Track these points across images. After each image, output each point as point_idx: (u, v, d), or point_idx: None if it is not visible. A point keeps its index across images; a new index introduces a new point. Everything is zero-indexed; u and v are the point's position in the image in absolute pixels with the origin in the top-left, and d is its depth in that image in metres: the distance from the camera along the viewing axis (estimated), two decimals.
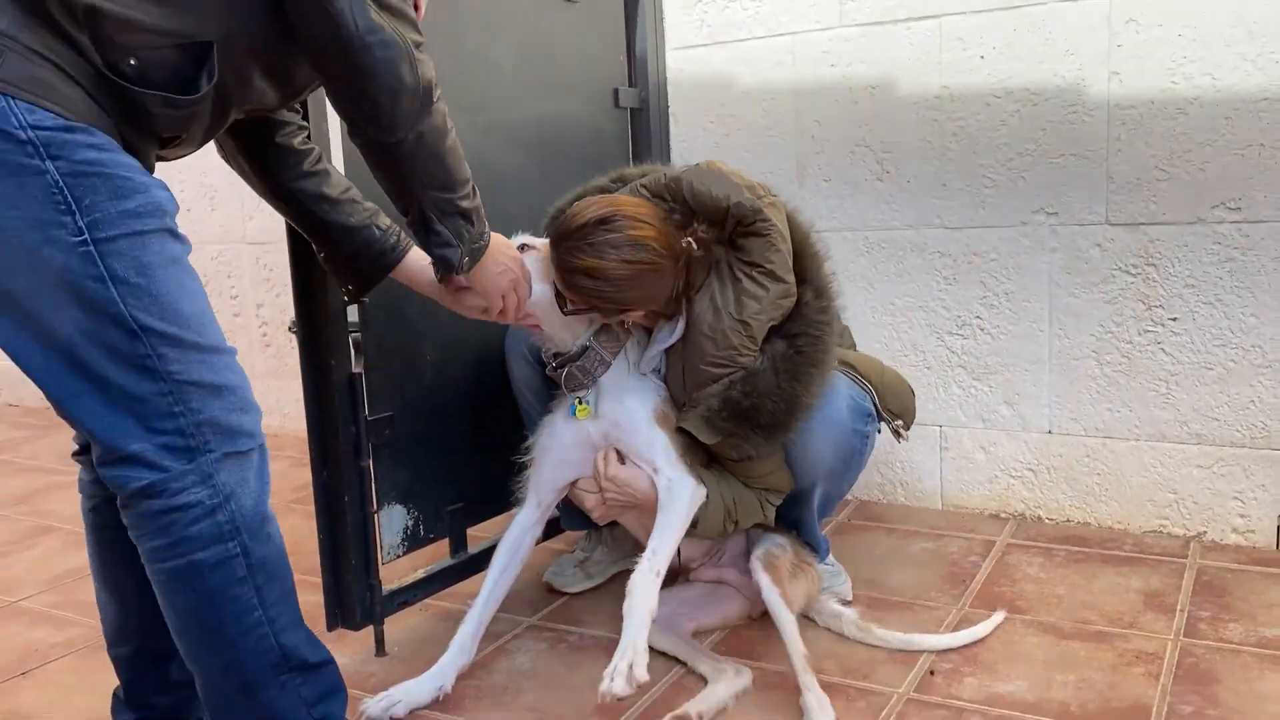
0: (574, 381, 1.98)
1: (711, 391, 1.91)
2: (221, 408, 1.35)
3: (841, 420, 2.01)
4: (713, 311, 1.90)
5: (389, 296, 2.10)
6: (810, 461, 2.04)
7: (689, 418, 1.93)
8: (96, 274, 1.24)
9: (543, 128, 2.48)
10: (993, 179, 2.56)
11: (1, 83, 1.18)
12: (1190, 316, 2.40)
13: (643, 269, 1.82)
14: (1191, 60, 2.30)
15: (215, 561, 1.36)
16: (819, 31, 2.71)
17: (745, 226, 1.88)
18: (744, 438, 1.90)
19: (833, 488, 2.15)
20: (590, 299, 1.86)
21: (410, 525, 2.21)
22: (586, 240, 1.81)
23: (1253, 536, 2.42)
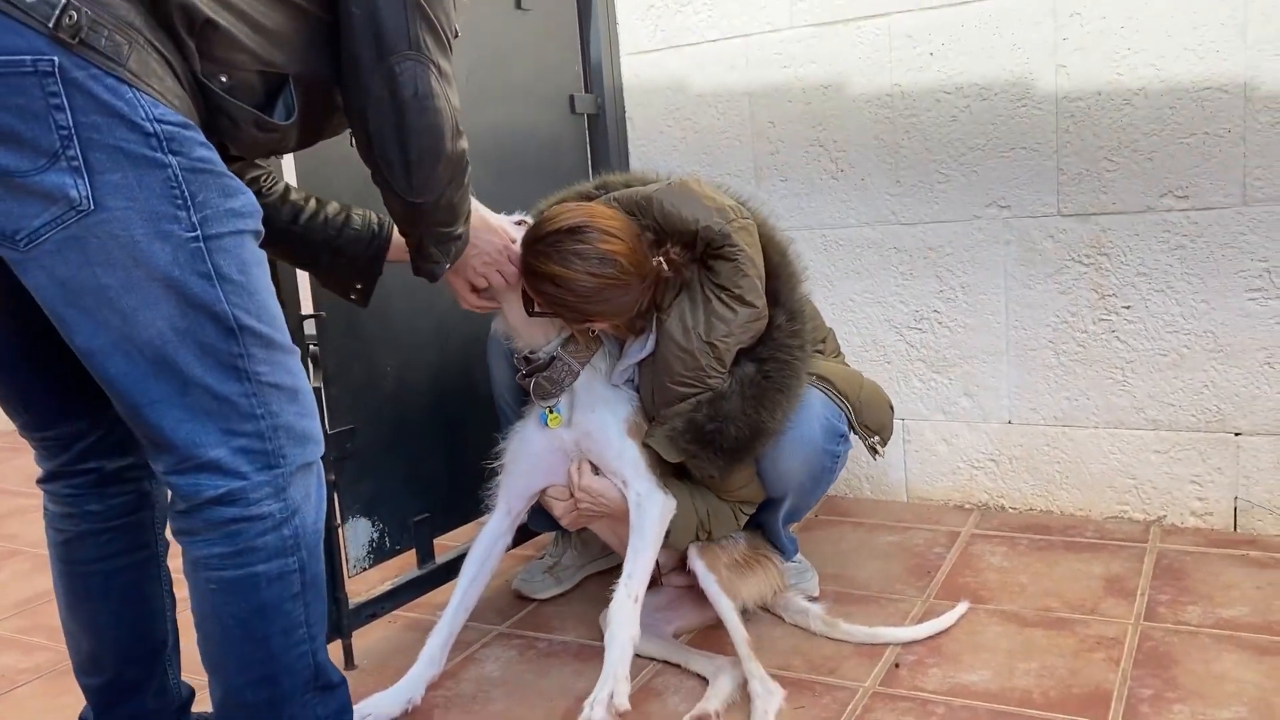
0: (542, 390, 1.99)
1: (678, 410, 1.93)
2: (296, 412, 1.35)
3: (813, 439, 2.03)
4: (682, 330, 1.91)
5: (345, 308, 2.10)
6: (780, 476, 2.06)
7: (655, 434, 1.95)
8: (204, 270, 1.24)
9: (498, 136, 2.48)
10: (945, 174, 2.59)
11: (129, 74, 1.18)
12: (1143, 304, 2.43)
13: (607, 283, 1.83)
14: (1135, 51, 2.34)
15: (276, 575, 1.35)
16: (770, 33, 2.73)
17: (714, 250, 1.90)
18: (706, 459, 1.92)
19: (801, 501, 2.17)
20: (554, 306, 1.88)
21: (376, 537, 2.21)
22: (555, 248, 1.83)
23: (1211, 519, 2.46)
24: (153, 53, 1.22)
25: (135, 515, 1.60)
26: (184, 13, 1.24)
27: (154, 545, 1.64)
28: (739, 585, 2.05)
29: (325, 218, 1.81)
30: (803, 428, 2.00)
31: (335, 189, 2.07)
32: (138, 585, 1.62)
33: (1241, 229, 2.31)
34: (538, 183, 2.55)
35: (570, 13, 2.77)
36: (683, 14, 2.83)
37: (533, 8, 2.57)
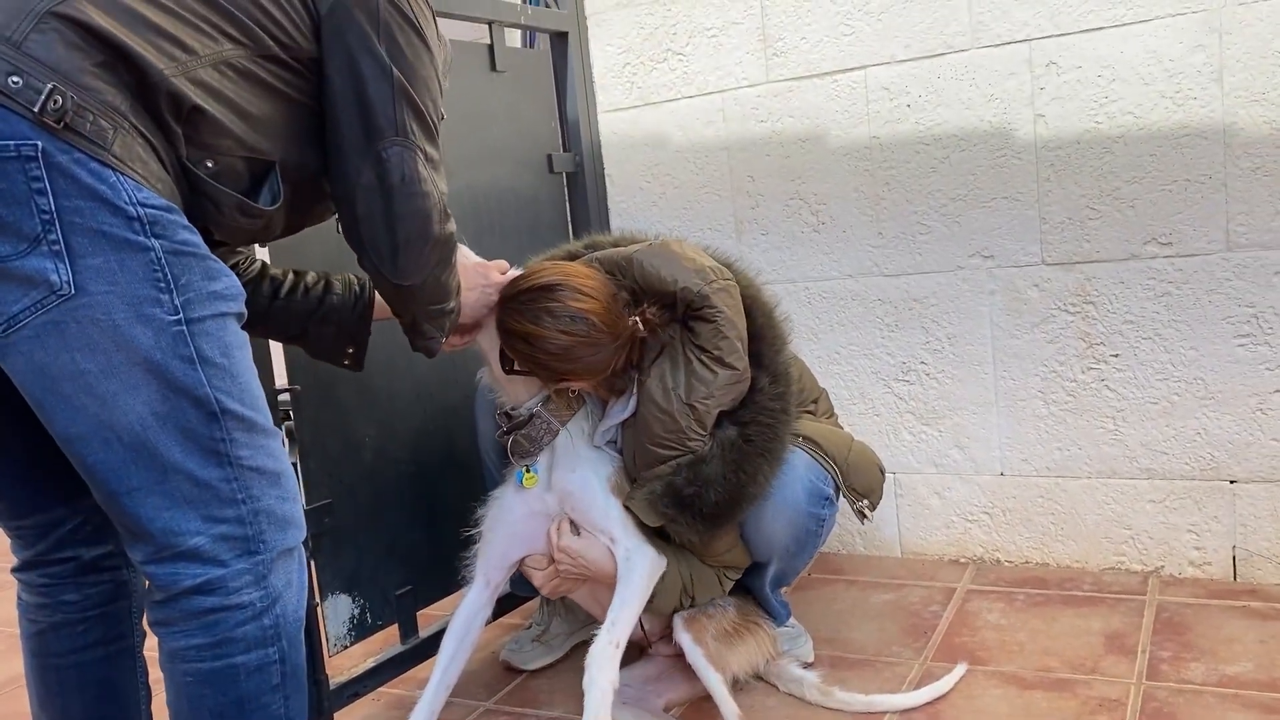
0: (520, 449, 1.96)
1: (658, 473, 1.90)
2: (277, 496, 1.32)
3: (797, 503, 1.99)
4: (662, 392, 1.89)
5: (321, 380, 2.06)
6: (764, 541, 2.03)
7: (635, 497, 1.91)
8: (187, 354, 1.22)
9: (476, 196, 2.47)
10: (927, 225, 2.57)
11: (114, 158, 1.17)
12: (1132, 352, 2.40)
13: (579, 341, 1.81)
14: (1113, 99, 2.33)
15: (255, 666, 1.31)
16: (747, 88, 2.72)
17: (694, 310, 1.89)
18: (685, 524, 1.88)
19: (787, 565, 2.13)
20: (528, 364, 1.87)
21: (357, 613, 2.16)
22: (528, 305, 1.82)
23: (1209, 569, 2.41)
24: (138, 137, 1.22)
25: (112, 605, 1.56)
26: (171, 99, 1.24)
27: (130, 636, 1.59)
28: (728, 656, 2.00)
29: (305, 288, 1.79)
30: (785, 491, 1.97)
31: (310, 258, 2.04)
32: (112, 678, 1.57)
33: (1226, 275, 2.29)
34: (517, 243, 2.53)
35: (546, 72, 2.77)
36: (658, 70, 2.83)
37: (508, 69, 2.56)
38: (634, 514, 1.92)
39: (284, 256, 1.97)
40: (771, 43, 2.67)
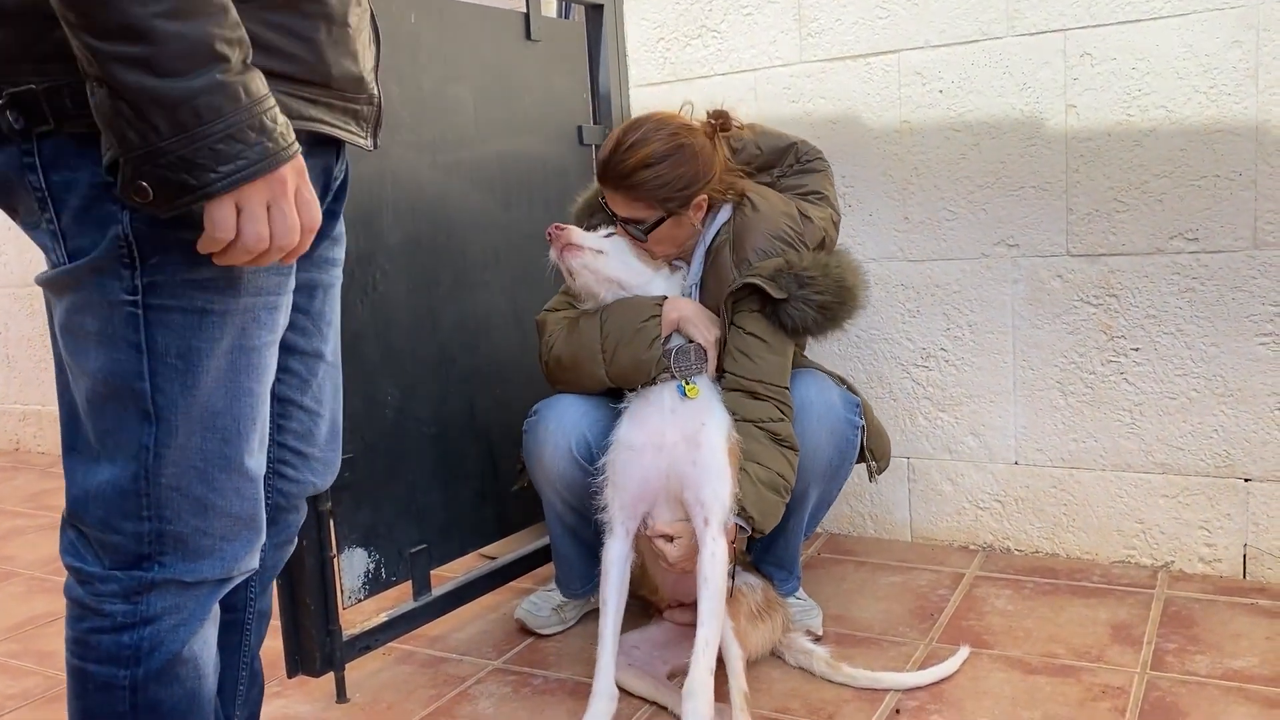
0: (686, 361, 2.01)
1: (771, 263, 2.01)
2: (199, 528, 1.15)
3: (836, 409, 2.09)
4: (782, 201, 2.09)
5: (345, 337, 2.08)
6: (809, 456, 2.05)
7: (754, 276, 1.99)
8: (134, 340, 1.09)
9: (505, 166, 2.48)
10: (954, 211, 2.57)
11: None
12: (1152, 346, 2.41)
13: (683, 142, 1.98)
14: (1146, 93, 2.33)
15: (102, 682, 1.17)
16: (780, 68, 2.72)
17: (804, 163, 2.17)
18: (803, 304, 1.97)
19: (826, 490, 2.17)
20: (655, 192, 1.98)
21: (372, 568, 2.19)
22: (626, 144, 1.98)
23: (1219, 566, 2.42)
24: None
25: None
26: None
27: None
28: (752, 635, 2.02)
29: None
30: (825, 397, 2.09)
31: None
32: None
33: (1252, 273, 2.29)
34: (544, 212, 2.55)
35: (579, 44, 2.77)
36: (692, 47, 2.83)
37: (542, 39, 2.57)
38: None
39: None
40: (806, 23, 2.67)
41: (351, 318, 2.10)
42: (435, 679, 2.18)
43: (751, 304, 2.02)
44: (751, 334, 2.01)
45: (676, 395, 1.99)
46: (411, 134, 2.23)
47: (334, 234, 1.35)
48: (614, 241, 2.05)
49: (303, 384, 1.34)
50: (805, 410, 2.05)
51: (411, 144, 2.23)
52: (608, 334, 2.03)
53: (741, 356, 2.01)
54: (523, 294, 2.52)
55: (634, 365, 2.00)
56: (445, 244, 2.32)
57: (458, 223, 2.35)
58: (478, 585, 2.45)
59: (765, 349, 2.01)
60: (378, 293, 2.17)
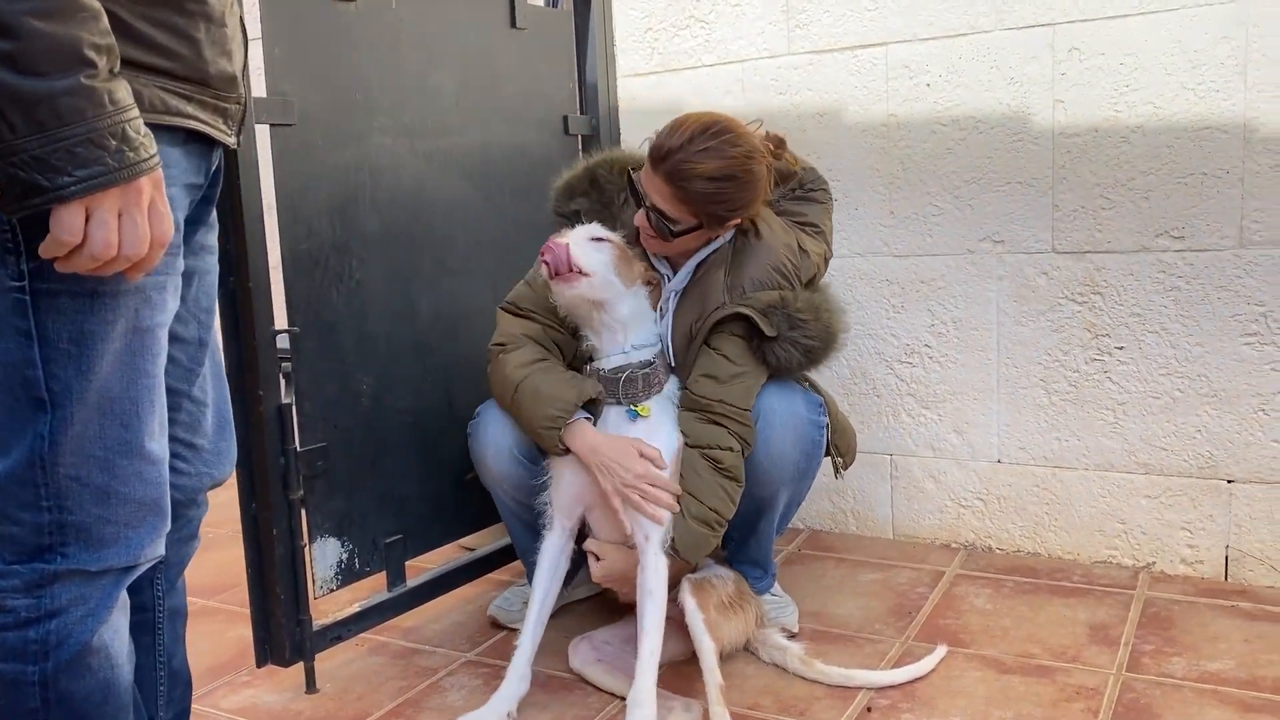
0: (634, 390, 1.98)
1: (765, 297, 1.98)
2: (101, 516, 1.13)
3: (799, 412, 2.04)
4: (784, 230, 2.05)
5: (321, 324, 2.07)
6: (775, 461, 2.04)
7: (746, 308, 1.97)
8: (24, 326, 1.06)
9: (487, 154, 2.45)
10: (939, 206, 2.55)
11: None
12: (1136, 345, 2.38)
13: (752, 167, 1.91)
14: (1134, 89, 2.30)
15: (10, 679, 1.13)
16: (768, 59, 2.70)
17: (807, 190, 2.12)
18: (791, 345, 1.96)
19: (795, 491, 2.14)
20: (707, 205, 1.91)
21: (345, 558, 2.17)
22: (701, 147, 1.87)
23: (1201, 567, 2.40)
24: None
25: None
26: None
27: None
28: (724, 627, 2.00)
29: None
30: (789, 402, 2.03)
31: (313, 206, 2.05)
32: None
33: (1238, 272, 2.26)
34: (527, 203, 2.52)
35: (566, 33, 2.74)
36: (680, 37, 2.81)
37: (528, 26, 2.55)
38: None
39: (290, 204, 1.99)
40: (794, 14, 2.65)
41: (327, 306, 2.09)
42: (406, 670, 2.16)
43: (734, 328, 1.99)
44: (724, 356, 1.99)
45: (625, 415, 1.98)
46: (390, 121, 2.21)
47: (208, 221, 1.33)
48: (601, 258, 1.94)
49: (187, 373, 1.32)
50: (769, 417, 2.02)
51: (390, 131, 2.21)
52: (517, 401, 2.02)
53: (706, 379, 1.99)
54: (504, 283, 2.48)
55: (531, 433, 2.02)
56: (424, 233, 2.30)
57: (438, 211, 2.33)
58: (454, 577, 2.44)
59: (735, 372, 1.98)
60: (354, 281, 2.15)
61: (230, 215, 1.90)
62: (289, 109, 1.99)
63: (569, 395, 1.96)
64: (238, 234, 1.92)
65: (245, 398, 1.97)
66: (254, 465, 2.00)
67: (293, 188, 2.02)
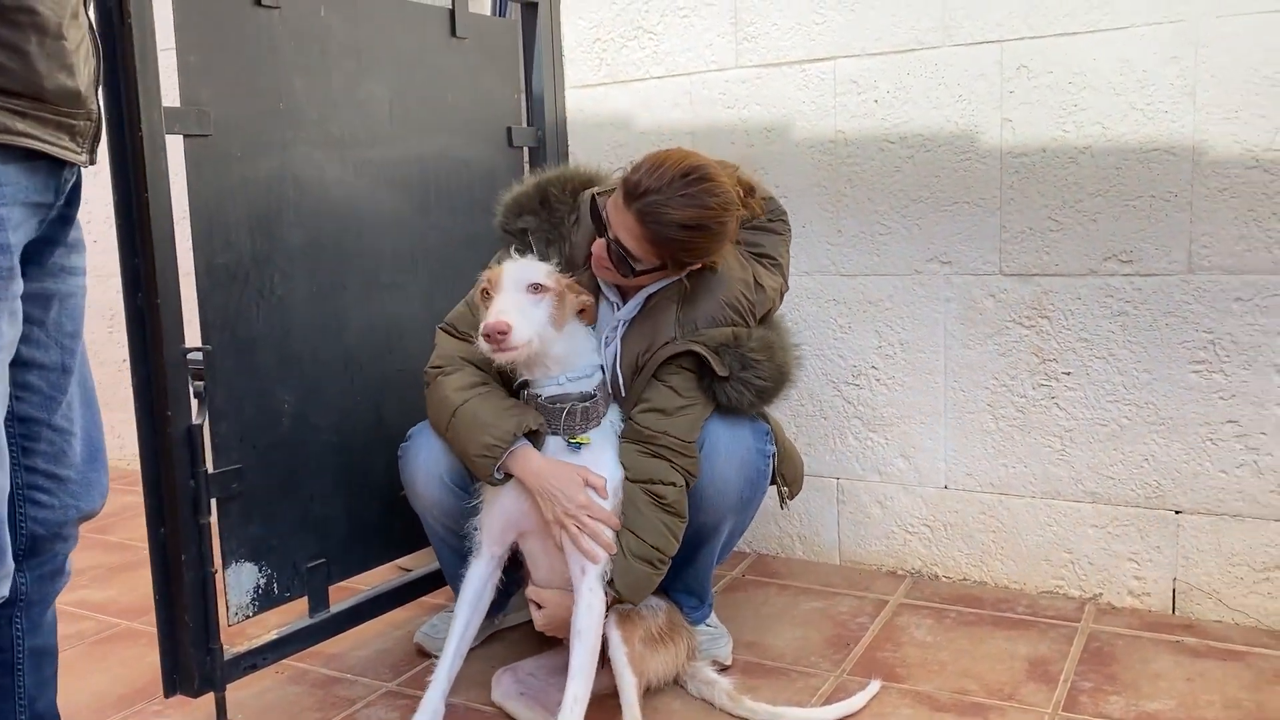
0: (573, 423, 1.90)
1: (719, 334, 1.92)
2: None
3: (744, 440, 1.98)
4: (740, 265, 1.98)
5: (238, 342, 2.01)
6: (719, 490, 1.98)
7: (700, 344, 1.91)
8: None
9: (424, 166, 2.39)
10: (887, 226, 2.49)
11: None
12: (1084, 371, 2.32)
13: (726, 220, 1.84)
14: (1082, 108, 2.25)
15: None
16: (715, 72, 2.64)
17: (765, 220, 2.03)
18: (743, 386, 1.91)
19: (739, 520, 2.08)
20: (676, 251, 1.84)
21: (263, 583, 2.10)
22: (680, 192, 1.79)
23: (1148, 600, 2.34)
24: None
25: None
26: None
27: None
28: (650, 661, 1.94)
29: None
30: (734, 429, 1.97)
31: (230, 218, 1.98)
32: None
33: (1186, 298, 2.21)
34: (468, 217, 2.47)
35: (511, 43, 2.68)
36: (629, 49, 2.75)
37: (469, 36, 2.48)
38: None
39: (206, 215, 1.92)
40: (743, 26, 2.59)
41: (246, 322, 2.03)
42: (324, 700, 2.09)
43: (684, 361, 1.93)
44: (670, 388, 1.93)
45: (565, 447, 1.91)
46: (317, 131, 2.14)
47: (68, 241, 1.27)
48: (538, 316, 1.82)
49: (48, 401, 1.25)
50: (714, 444, 1.96)
51: (318, 141, 2.14)
52: (454, 426, 1.94)
53: (651, 412, 1.93)
54: (440, 299, 2.42)
55: (465, 460, 1.94)
56: (354, 246, 2.23)
57: (368, 224, 2.26)
58: (383, 601, 2.36)
59: (680, 404, 1.93)
60: (275, 296, 2.08)
61: (138, 229, 1.85)
62: (204, 119, 1.92)
63: (508, 425, 1.88)
64: (145, 248, 1.85)
65: (153, 419, 1.90)
66: (163, 489, 1.92)
67: (208, 199, 1.95)
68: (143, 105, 1.79)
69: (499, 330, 1.74)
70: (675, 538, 1.91)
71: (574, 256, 2.01)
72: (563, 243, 2.01)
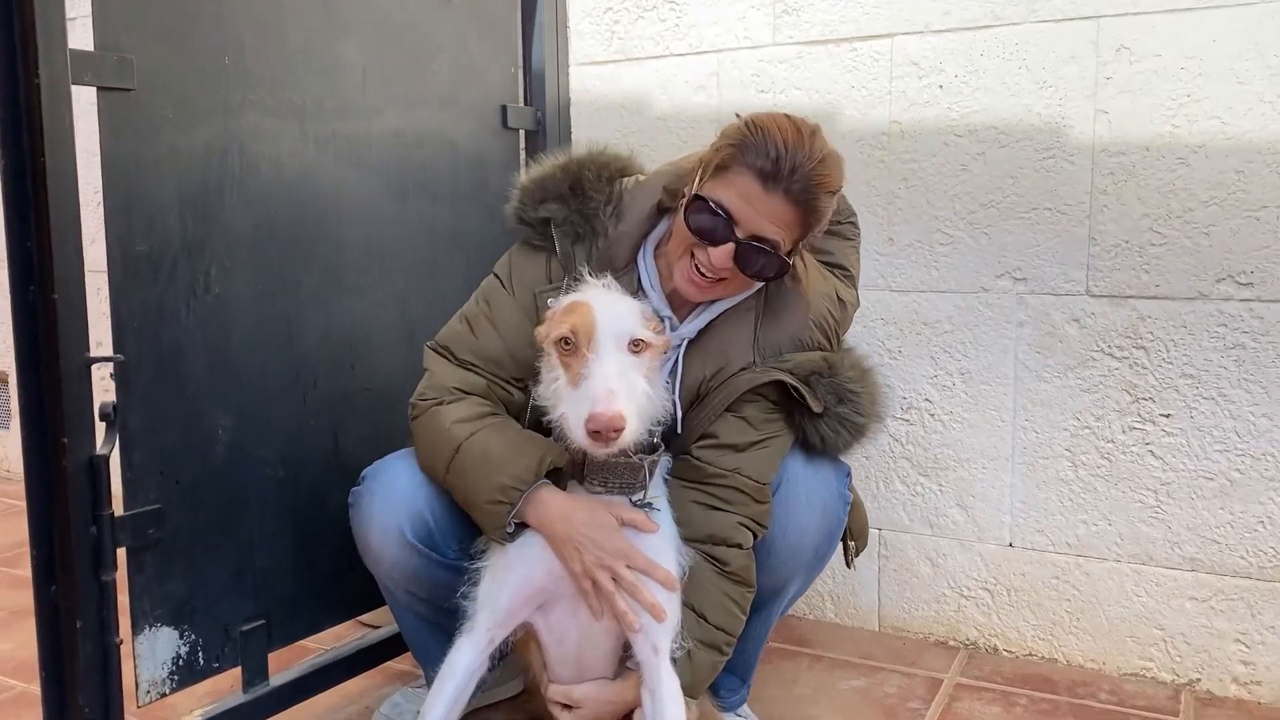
0: (645, 481, 1.49)
1: (809, 361, 1.60)
2: None
3: (828, 482, 1.67)
4: (820, 277, 1.68)
5: (159, 350, 1.64)
6: (792, 545, 1.65)
7: (788, 373, 1.58)
8: None
9: (403, 145, 2.04)
10: (949, 234, 2.14)
11: None
12: (1187, 413, 1.97)
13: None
14: (1196, 99, 1.91)
15: None
16: (749, 50, 2.29)
17: (834, 222, 1.69)
18: (835, 422, 1.59)
19: (807, 580, 1.76)
20: (819, 227, 1.53)
21: (185, 652, 1.71)
22: (823, 153, 1.49)
23: (1258, 690, 1.97)
24: None
25: None
26: None
27: None
28: None
29: None
30: (816, 467, 1.65)
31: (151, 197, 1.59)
32: None
33: None
34: (453, 206, 2.16)
35: (508, 10, 2.32)
36: (645, 20, 2.39)
37: (461, 3, 2.11)
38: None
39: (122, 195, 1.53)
40: None
41: (172, 326, 1.66)
42: None
43: (768, 391, 1.59)
44: (743, 419, 1.58)
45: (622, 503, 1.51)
46: (272, 96, 1.77)
47: None
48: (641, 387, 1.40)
49: None
50: (791, 488, 1.62)
51: (271, 108, 1.77)
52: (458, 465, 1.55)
53: (718, 447, 1.57)
54: (418, 304, 2.06)
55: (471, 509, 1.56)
56: (312, 236, 1.87)
57: (332, 210, 1.90)
58: (335, 670, 1.98)
59: (755, 438, 1.58)
60: (210, 294, 1.72)
61: (33, 204, 1.49)
62: (125, 69, 1.55)
63: (528, 460, 1.49)
64: (41, 229, 1.49)
65: (45, 446, 1.52)
66: (54, 537, 1.53)
67: (128, 170, 1.59)
68: (42, 46, 1.44)
69: (615, 428, 1.31)
70: (743, 613, 1.56)
71: (612, 255, 1.62)
72: (595, 238, 1.63)
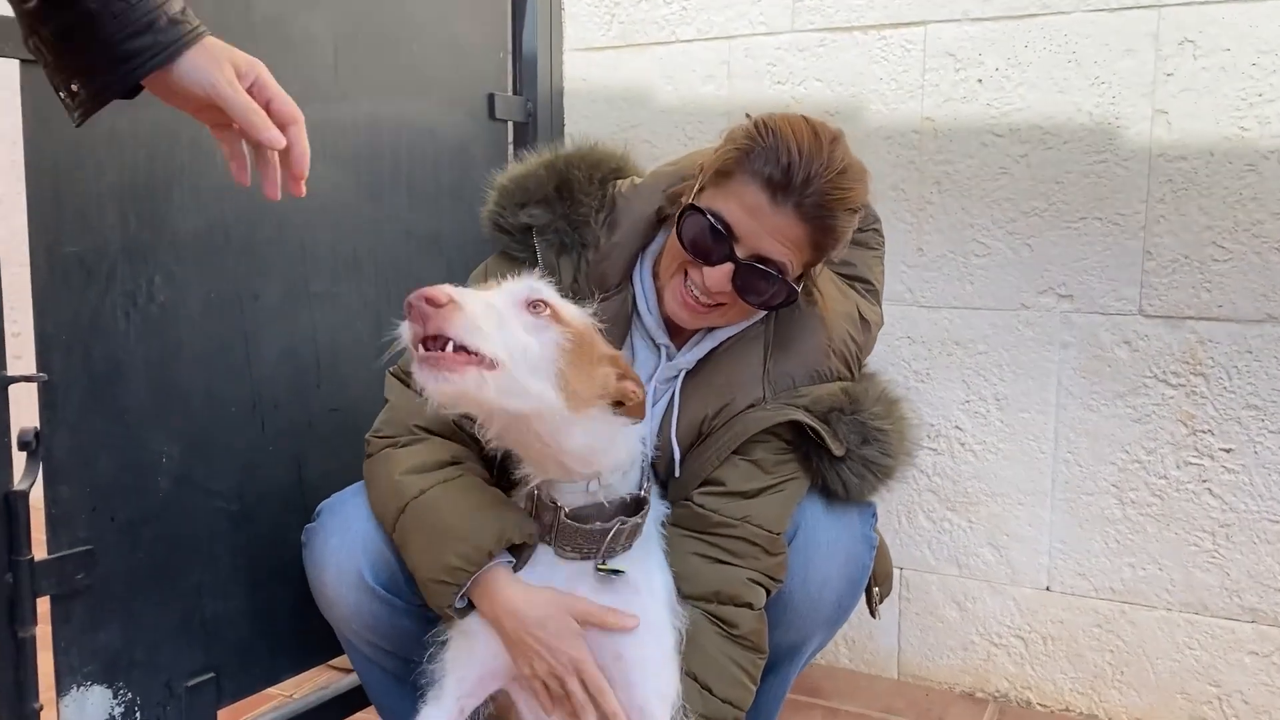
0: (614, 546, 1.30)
1: (827, 395, 1.45)
2: None
3: (853, 526, 1.53)
4: (840, 296, 1.53)
5: (91, 368, 1.48)
6: (813, 596, 1.50)
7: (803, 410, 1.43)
8: None
9: (377, 135, 1.90)
10: (986, 244, 2.00)
11: None
12: (1250, 449, 1.85)
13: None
14: (1269, 99, 1.78)
15: None
16: (765, 36, 2.16)
17: (856, 230, 1.48)
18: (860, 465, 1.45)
19: (827, 636, 1.62)
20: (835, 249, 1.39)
21: (118, 713, 1.55)
22: (843, 163, 1.34)
23: None
24: None
25: None
26: None
27: None
28: None
29: None
30: (837, 511, 1.50)
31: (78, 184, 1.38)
32: None
33: None
34: (433, 206, 2.01)
35: None
36: (649, 2, 2.28)
37: None
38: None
39: None
40: None
41: (107, 340, 1.50)
42: None
43: (781, 430, 1.44)
44: (752, 462, 1.44)
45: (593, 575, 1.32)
46: None
47: None
48: (532, 345, 1.15)
49: None
50: (809, 536, 1.47)
51: None
52: (404, 528, 1.37)
53: (722, 495, 1.41)
54: (393, 315, 1.85)
55: (418, 581, 1.38)
56: (273, 238, 1.71)
57: (296, 209, 1.74)
58: None
59: (767, 483, 1.43)
60: (154, 304, 1.54)
61: None
62: None
63: (481, 536, 1.31)
64: None
65: None
66: None
67: (56, 158, 1.42)
68: None
69: (433, 299, 1.08)
70: (754, 682, 1.40)
71: (604, 271, 1.42)
72: (583, 250, 1.43)
